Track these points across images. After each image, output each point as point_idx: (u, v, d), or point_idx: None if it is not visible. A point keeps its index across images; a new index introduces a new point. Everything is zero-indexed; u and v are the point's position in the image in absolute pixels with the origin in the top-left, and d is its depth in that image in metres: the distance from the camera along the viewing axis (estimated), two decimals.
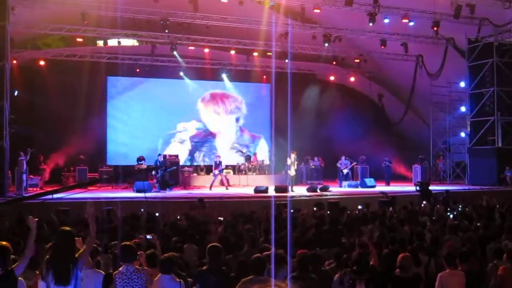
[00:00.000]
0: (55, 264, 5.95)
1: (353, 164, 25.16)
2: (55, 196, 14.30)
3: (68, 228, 6.34)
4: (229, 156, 28.22)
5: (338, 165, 25.04)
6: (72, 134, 24.47)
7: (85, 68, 25.21)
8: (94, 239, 6.36)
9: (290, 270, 7.06)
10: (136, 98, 27.91)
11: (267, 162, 27.46)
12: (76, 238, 6.31)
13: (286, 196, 19.31)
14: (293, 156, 22.25)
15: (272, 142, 29.05)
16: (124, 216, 12.57)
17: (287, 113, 21.99)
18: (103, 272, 6.69)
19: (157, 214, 13.30)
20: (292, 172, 22.22)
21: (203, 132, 29.06)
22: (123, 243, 6.64)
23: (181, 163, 24.93)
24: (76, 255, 6.04)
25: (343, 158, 25.06)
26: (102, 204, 13.44)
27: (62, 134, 24.57)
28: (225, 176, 24.09)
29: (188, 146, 28.70)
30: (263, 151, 29.49)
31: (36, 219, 6.20)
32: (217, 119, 29.35)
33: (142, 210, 14.30)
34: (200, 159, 28.63)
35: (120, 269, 6.42)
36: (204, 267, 7.01)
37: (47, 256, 6.06)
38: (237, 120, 29.68)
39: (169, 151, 26.76)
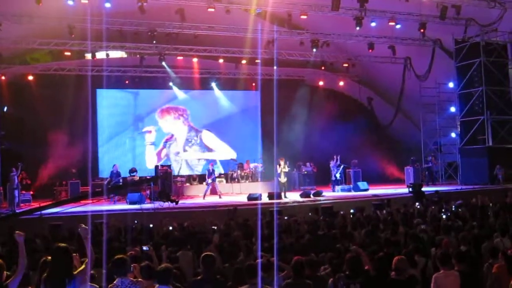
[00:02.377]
0: (52, 281, 5.90)
1: (343, 166, 25.13)
2: (47, 211, 14.20)
3: (63, 245, 6.29)
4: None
5: (331, 167, 25.04)
6: (63, 148, 24.38)
7: (74, 82, 25.16)
8: (91, 259, 6.29)
9: (285, 276, 7.06)
10: (126, 109, 27.84)
11: (259, 169, 27.38)
12: (73, 254, 6.25)
13: (279, 203, 19.28)
14: (282, 163, 22.21)
15: (261, 149, 28.98)
16: (118, 229, 12.52)
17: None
18: (97, 286, 6.64)
19: (151, 226, 13.26)
20: (282, 179, 22.14)
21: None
22: (116, 256, 6.60)
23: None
24: (75, 273, 5.99)
25: (332, 162, 25.01)
26: (95, 217, 13.40)
27: (53, 149, 24.48)
28: (217, 184, 24.04)
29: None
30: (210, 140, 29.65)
31: (23, 233, 6.16)
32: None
33: (136, 222, 14.28)
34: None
35: (114, 282, 6.37)
36: (199, 277, 6.99)
37: (45, 274, 6.00)
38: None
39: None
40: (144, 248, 8.30)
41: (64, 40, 22.70)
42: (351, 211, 15.38)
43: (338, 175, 24.87)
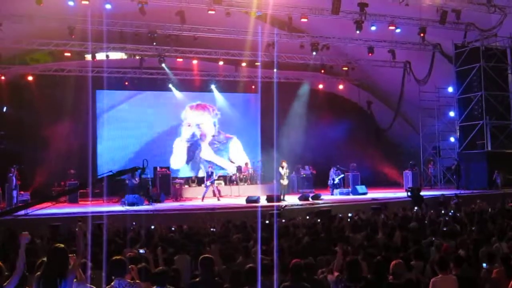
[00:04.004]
0: (46, 280, 5.90)
1: (342, 175, 25.19)
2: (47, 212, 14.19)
3: (61, 245, 6.28)
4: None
5: (330, 175, 25.04)
6: (62, 149, 24.37)
7: (74, 83, 25.15)
8: (81, 255, 6.29)
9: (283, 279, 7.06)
10: (126, 111, 27.87)
11: (258, 171, 27.38)
12: (70, 255, 6.25)
13: (278, 206, 19.26)
14: (284, 165, 22.22)
15: (261, 152, 28.98)
16: (116, 230, 12.51)
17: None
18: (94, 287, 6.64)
19: (152, 227, 13.25)
20: (284, 181, 22.17)
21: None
22: (114, 257, 6.60)
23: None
24: (71, 272, 5.99)
25: (333, 169, 25.04)
26: (92, 218, 13.39)
27: (52, 149, 24.45)
28: (217, 187, 24.08)
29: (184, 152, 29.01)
30: (237, 151, 29.90)
31: (29, 236, 6.15)
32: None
33: (134, 224, 14.26)
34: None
35: (112, 284, 6.37)
36: (197, 279, 6.99)
37: (38, 273, 6.01)
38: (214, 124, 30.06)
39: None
40: (141, 251, 8.30)
41: (64, 41, 22.70)
42: (349, 214, 15.37)
43: (337, 180, 24.85)
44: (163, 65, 25.39)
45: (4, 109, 25.03)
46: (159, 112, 28.49)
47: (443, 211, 15.24)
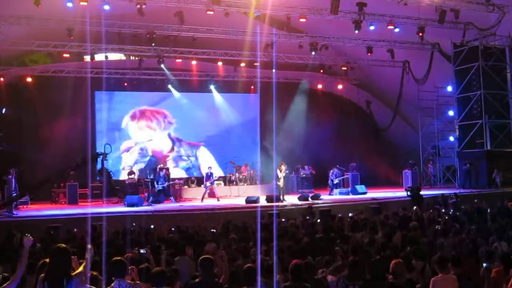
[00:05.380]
0: (51, 281, 5.88)
1: (344, 177, 25.23)
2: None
3: (63, 245, 6.28)
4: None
5: (330, 175, 25.01)
6: (61, 150, 24.32)
7: (72, 84, 25.10)
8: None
9: (283, 279, 7.06)
10: (124, 111, 27.86)
11: (257, 171, 27.34)
12: (72, 256, 6.24)
13: (277, 206, 19.27)
14: (283, 168, 21.97)
15: (260, 152, 28.94)
16: (115, 231, 12.52)
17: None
18: None
19: (152, 226, 13.26)
20: (280, 183, 21.99)
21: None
22: (114, 258, 6.59)
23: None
24: (73, 274, 5.97)
25: (335, 169, 25.04)
26: (92, 219, 13.40)
27: (51, 150, 24.40)
28: (215, 187, 24.04)
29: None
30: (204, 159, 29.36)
31: (32, 239, 6.15)
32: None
33: (134, 224, 14.27)
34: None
35: (112, 284, 6.36)
36: (196, 280, 6.98)
37: (42, 274, 5.99)
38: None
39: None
40: (142, 251, 8.29)
41: (63, 42, 22.68)
42: (350, 214, 15.37)
43: (336, 181, 24.85)
44: (162, 65, 25.38)
45: (3, 111, 25.02)
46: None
47: (443, 210, 15.27)
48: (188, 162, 28.81)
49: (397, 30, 23.42)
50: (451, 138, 28.25)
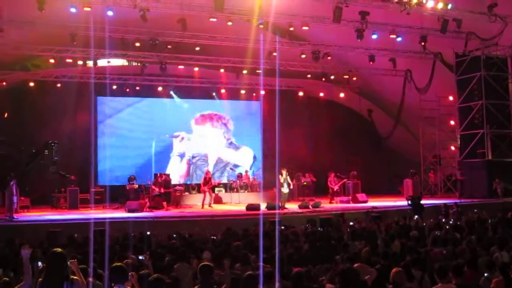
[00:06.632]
0: (49, 285, 5.89)
1: (342, 181, 25.18)
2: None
3: (59, 250, 6.28)
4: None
5: (329, 183, 25.01)
6: (63, 155, 24.33)
7: (75, 89, 25.20)
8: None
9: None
10: (126, 117, 27.90)
11: (258, 178, 27.34)
12: (72, 260, 6.24)
13: (279, 213, 19.23)
14: (284, 172, 22.03)
15: (262, 160, 28.98)
16: (116, 237, 12.51)
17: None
18: None
19: (148, 233, 13.24)
20: (285, 189, 21.95)
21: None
22: (114, 264, 6.59)
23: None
24: (74, 277, 5.97)
25: (332, 175, 25.03)
26: (93, 225, 13.38)
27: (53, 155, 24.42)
28: (212, 194, 23.98)
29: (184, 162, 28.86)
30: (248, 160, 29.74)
31: (29, 250, 6.16)
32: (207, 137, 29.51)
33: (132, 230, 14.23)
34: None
35: None
36: (196, 286, 6.98)
37: (40, 279, 6.00)
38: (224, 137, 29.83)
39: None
40: (140, 257, 8.29)
41: (66, 47, 22.73)
42: (350, 223, 15.35)
43: (336, 188, 24.84)
44: (165, 72, 25.41)
45: (5, 115, 25.06)
46: (161, 119, 28.49)
47: (443, 220, 15.25)
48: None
49: (399, 39, 23.45)
50: (452, 148, 28.24)
